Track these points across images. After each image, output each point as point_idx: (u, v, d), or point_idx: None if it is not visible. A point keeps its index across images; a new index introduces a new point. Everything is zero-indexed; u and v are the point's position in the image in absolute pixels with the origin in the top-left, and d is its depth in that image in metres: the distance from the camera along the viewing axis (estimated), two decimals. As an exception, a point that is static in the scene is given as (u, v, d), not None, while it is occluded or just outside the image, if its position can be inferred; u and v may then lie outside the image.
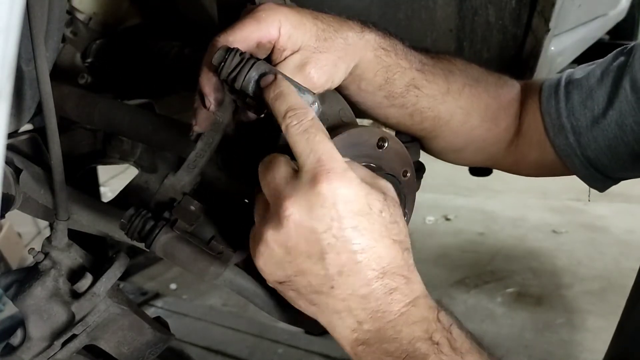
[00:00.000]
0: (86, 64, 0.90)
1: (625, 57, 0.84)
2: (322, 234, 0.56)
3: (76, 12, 0.87)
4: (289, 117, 0.57)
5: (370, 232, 0.57)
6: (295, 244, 0.56)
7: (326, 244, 0.56)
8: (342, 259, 0.56)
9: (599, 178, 0.89)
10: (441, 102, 0.81)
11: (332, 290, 0.57)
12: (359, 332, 0.59)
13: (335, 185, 0.55)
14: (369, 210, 0.57)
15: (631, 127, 0.81)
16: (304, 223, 0.56)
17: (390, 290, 0.58)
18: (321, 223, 0.55)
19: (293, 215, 0.56)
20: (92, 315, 0.70)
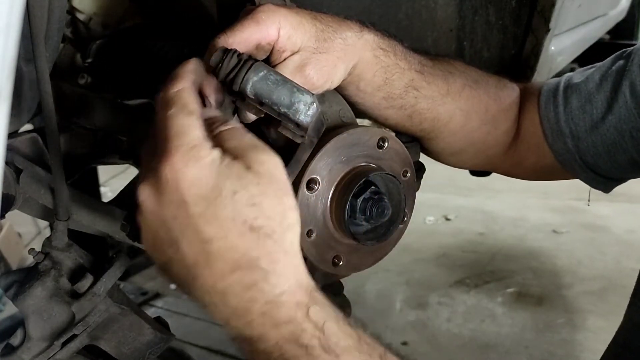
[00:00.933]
0: (86, 64, 0.90)
1: (624, 61, 0.84)
2: (171, 221, 0.51)
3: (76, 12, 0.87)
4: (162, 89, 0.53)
5: (219, 219, 0.50)
6: (155, 231, 0.52)
7: (178, 233, 0.51)
8: (194, 249, 0.51)
9: (600, 180, 0.88)
10: (440, 104, 0.81)
11: (195, 281, 0.52)
12: (227, 327, 0.53)
13: (175, 167, 0.49)
14: (218, 193, 0.50)
15: (630, 132, 0.81)
16: (154, 211, 0.51)
17: (248, 286, 0.51)
18: (168, 210, 0.50)
19: (145, 202, 0.52)
20: (93, 316, 0.70)
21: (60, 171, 0.68)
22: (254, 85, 0.59)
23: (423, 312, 2.36)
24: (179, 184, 0.50)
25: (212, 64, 0.61)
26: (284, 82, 0.60)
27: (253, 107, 0.62)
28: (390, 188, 0.73)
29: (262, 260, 0.51)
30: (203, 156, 0.50)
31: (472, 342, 2.18)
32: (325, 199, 0.70)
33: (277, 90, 0.59)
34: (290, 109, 0.59)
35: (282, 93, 0.59)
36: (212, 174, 0.50)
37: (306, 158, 0.66)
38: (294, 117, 0.59)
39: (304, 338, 0.52)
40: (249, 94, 0.60)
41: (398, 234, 0.79)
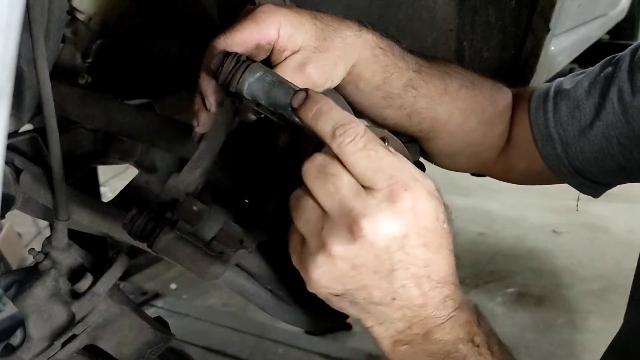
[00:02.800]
0: (86, 64, 0.90)
1: (612, 67, 0.84)
2: (396, 252, 0.55)
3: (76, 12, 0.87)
4: (339, 135, 0.54)
5: (436, 246, 0.57)
6: (364, 261, 0.55)
7: (397, 261, 0.55)
8: (409, 273, 0.56)
9: (590, 185, 0.89)
10: (439, 103, 0.81)
11: (393, 301, 0.57)
12: (405, 334, 0.59)
13: (412, 203, 0.54)
14: (437, 225, 0.56)
15: (617, 139, 0.81)
16: (380, 242, 0.54)
17: (445, 298, 0.59)
18: (396, 242, 0.55)
19: (369, 235, 0.54)
20: (93, 315, 0.70)
21: (60, 171, 0.68)
22: (250, 86, 0.60)
23: (423, 312, 2.36)
24: (413, 219, 0.55)
25: (213, 67, 0.61)
26: (280, 83, 0.60)
27: (252, 108, 0.62)
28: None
29: (455, 277, 0.60)
30: (426, 191, 0.56)
31: (472, 342, 2.18)
32: None
33: (273, 91, 0.59)
34: (286, 109, 0.59)
35: (278, 94, 0.59)
36: (433, 208, 0.56)
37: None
38: (291, 118, 0.60)
39: (477, 339, 0.59)
40: (245, 95, 0.60)
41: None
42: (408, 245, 0.55)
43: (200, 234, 0.66)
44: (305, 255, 0.57)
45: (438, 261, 0.57)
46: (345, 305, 0.59)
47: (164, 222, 0.65)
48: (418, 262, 0.56)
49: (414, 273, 0.56)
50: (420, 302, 0.58)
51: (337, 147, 0.54)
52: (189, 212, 0.65)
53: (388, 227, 0.54)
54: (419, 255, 0.56)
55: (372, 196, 0.54)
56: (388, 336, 0.59)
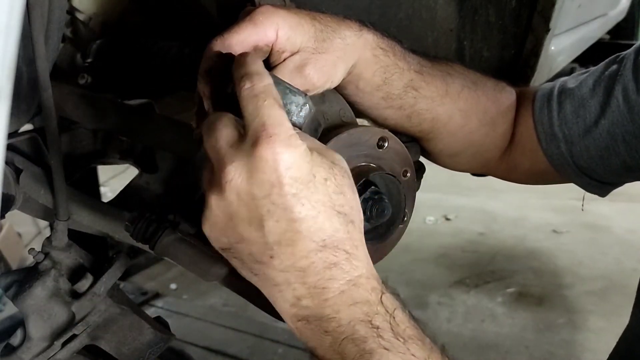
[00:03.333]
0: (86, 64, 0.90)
1: (617, 65, 0.84)
2: (262, 199, 0.53)
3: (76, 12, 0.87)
4: (242, 80, 0.56)
5: (311, 201, 0.54)
6: (236, 210, 0.54)
7: (265, 211, 0.53)
8: (281, 227, 0.54)
9: (595, 184, 0.89)
10: (439, 104, 0.81)
11: (272, 260, 0.55)
12: (298, 307, 0.56)
13: (276, 150, 0.53)
14: (312, 178, 0.54)
15: (623, 137, 0.81)
16: (244, 188, 0.53)
17: (330, 265, 0.55)
18: (261, 189, 0.53)
19: (234, 181, 0.54)
20: (93, 315, 0.70)
21: (60, 171, 0.68)
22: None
23: (423, 312, 2.36)
24: (278, 166, 0.53)
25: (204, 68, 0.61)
26: (277, 84, 0.60)
27: None
28: (390, 188, 0.73)
29: (347, 243, 0.56)
30: (299, 145, 0.54)
31: (472, 342, 2.18)
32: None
33: None
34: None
35: None
36: (307, 161, 0.54)
37: None
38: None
39: (377, 320, 0.55)
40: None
41: (398, 234, 0.79)
42: (275, 193, 0.53)
43: (202, 234, 0.66)
44: (202, 213, 0.58)
45: (316, 219, 0.54)
46: (237, 264, 0.58)
47: (165, 224, 0.65)
48: (289, 214, 0.53)
49: (286, 227, 0.54)
50: (301, 266, 0.55)
51: (238, 91, 0.56)
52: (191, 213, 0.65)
53: (250, 172, 0.53)
54: (289, 207, 0.53)
55: (242, 143, 0.54)
56: (285, 310, 0.57)
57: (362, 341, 0.54)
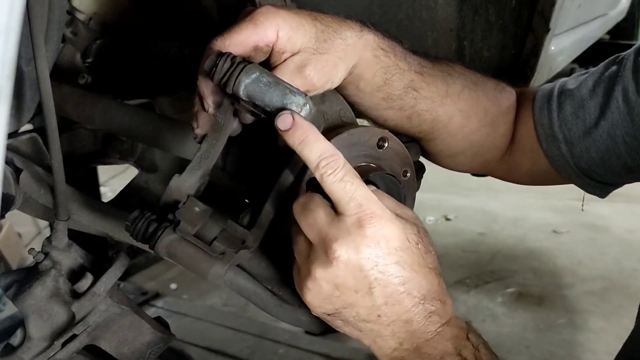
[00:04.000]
0: (86, 64, 0.90)
1: (616, 66, 0.84)
2: (369, 270, 0.61)
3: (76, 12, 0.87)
4: (322, 167, 0.61)
5: (410, 265, 0.63)
6: (343, 281, 0.62)
7: (373, 279, 0.62)
8: (387, 291, 0.62)
9: (596, 185, 0.89)
10: (439, 105, 0.81)
11: (379, 318, 0.63)
12: (399, 350, 0.65)
13: (378, 227, 0.61)
14: (408, 245, 0.63)
15: (623, 138, 0.81)
16: (352, 262, 0.61)
17: (430, 314, 0.64)
18: (368, 261, 0.61)
19: (342, 256, 0.61)
20: (93, 315, 0.70)
21: (60, 171, 0.68)
22: (246, 87, 0.60)
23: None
24: (381, 240, 0.61)
25: (206, 68, 0.62)
26: (277, 84, 0.60)
27: (248, 109, 0.62)
28: (390, 188, 0.73)
29: (440, 294, 0.65)
30: (392, 218, 0.62)
31: (473, 342, 2.17)
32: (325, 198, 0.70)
33: (269, 92, 0.60)
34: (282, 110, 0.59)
35: (274, 95, 0.59)
36: (401, 230, 0.63)
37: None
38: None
39: (464, 352, 0.64)
40: (242, 96, 0.60)
41: (398, 234, 0.78)
42: (381, 264, 0.61)
43: (202, 235, 0.66)
44: (299, 281, 0.66)
45: (415, 279, 0.63)
46: (340, 324, 0.66)
47: (165, 224, 0.65)
48: (394, 279, 0.62)
49: (392, 290, 0.62)
50: (405, 318, 0.63)
51: (319, 177, 0.62)
52: (191, 214, 0.65)
53: (358, 248, 0.61)
54: (394, 273, 0.62)
55: (343, 222, 0.61)
56: (385, 354, 0.66)
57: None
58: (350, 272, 0.61)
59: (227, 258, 0.66)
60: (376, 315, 0.63)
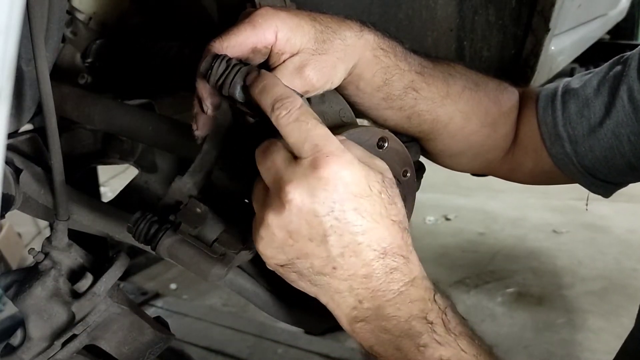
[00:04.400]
0: (86, 64, 0.90)
1: (621, 66, 0.84)
2: (324, 217, 0.57)
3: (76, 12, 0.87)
4: (277, 108, 0.58)
5: (370, 214, 0.58)
6: (297, 227, 0.57)
7: (328, 227, 0.57)
8: (344, 240, 0.58)
9: (600, 185, 0.89)
10: (440, 105, 0.81)
11: (334, 271, 0.59)
12: (358, 310, 0.60)
13: (335, 169, 0.56)
14: (370, 192, 0.58)
15: (627, 137, 0.81)
16: (306, 207, 0.56)
17: (391, 270, 0.59)
18: (323, 206, 0.56)
19: (295, 200, 0.56)
20: (93, 315, 0.70)
21: (60, 171, 0.68)
22: (242, 89, 0.60)
23: (423, 312, 2.36)
24: (338, 184, 0.56)
25: (202, 70, 0.62)
26: None
27: (246, 111, 0.62)
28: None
29: (404, 249, 0.60)
30: (353, 161, 0.58)
31: (472, 342, 2.18)
32: None
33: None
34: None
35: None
36: (363, 176, 0.58)
37: None
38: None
39: (431, 316, 0.59)
40: (238, 99, 0.60)
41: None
42: (337, 209, 0.57)
43: (203, 236, 0.67)
44: (254, 230, 0.61)
45: (376, 230, 0.58)
46: (294, 277, 0.61)
47: (166, 225, 0.66)
48: (351, 228, 0.57)
49: (349, 240, 0.58)
50: (364, 273, 0.59)
51: (274, 119, 0.58)
52: (192, 215, 0.65)
53: (313, 191, 0.56)
54: (351, 221, 0.57)
55: (299, 165, 0.57)
56: (344, 314, 0.61)
57: (417, 336, 0.59)
58: (304, 218, 0.57)
59: (227, 259, 0.67)
60: (331, 268, 0.59)
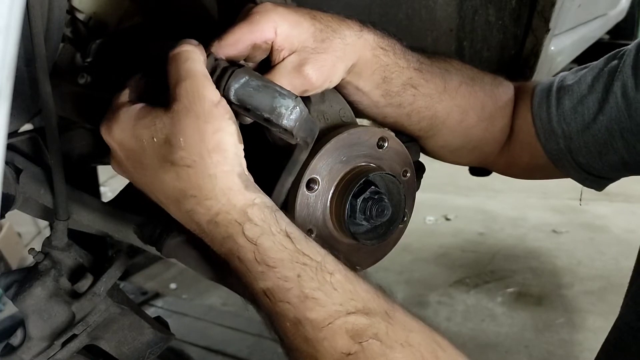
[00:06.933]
0: (86, 63, 0.90)
1: (617, 61, 0.84)
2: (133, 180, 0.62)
3: (76, 12, 0.87)
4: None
5: (147, 166, 0.59)
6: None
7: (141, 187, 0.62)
8: (150, 193, 0.61)
9: (592, 179, 0.89)
10: (438, 101, 0.81)
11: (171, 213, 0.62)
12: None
13: (113, 133, 0.60)
14: (141, 144, 0.58)
15: (621, 133, 0.81)
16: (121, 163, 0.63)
17: (190, 213, 0.59)
18: (120, 167, 0.63)
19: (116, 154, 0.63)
20: (93, 315, 0.70)
21: (60, 171, 0.68)
22: (236, 92, 0.60)
23: (423, 311, 2.36)
24: (115, 147, 0.61)
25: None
26: (266, 87, 0.60)
27: (241, 113, 0.63)
28: (390, 188, 0.73)
29: (190, 189, 0.57)
30: (121, 116, 0.60)
31: (472, 341, 2.18)
32: (325, 198, 0.70)
33: (258, 96, 0.60)
34: (272, 113, 0.59)
35: (263, 98, 0.60)
36: (131, 129, 0.59)
37: (304, 158, 0.66)
38: (277, 121, 0.60)
39: (241, 252, 0.57)
40: (232, 101, 0.60)
41: (398, 234, 0.79)
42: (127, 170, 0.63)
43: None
44: None
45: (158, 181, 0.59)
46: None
47: (171, 227, 0.66)
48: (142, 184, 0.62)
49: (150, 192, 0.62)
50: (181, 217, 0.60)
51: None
52: None
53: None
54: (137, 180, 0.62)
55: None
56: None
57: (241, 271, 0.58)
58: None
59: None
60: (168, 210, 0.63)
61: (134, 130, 0.58)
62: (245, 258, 0.57)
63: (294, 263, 0.57)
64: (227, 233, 0.57)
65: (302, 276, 0.56)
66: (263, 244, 0.57)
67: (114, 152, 0.62)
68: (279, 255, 0.57)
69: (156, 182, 0.59)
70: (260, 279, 0.57)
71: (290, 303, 0.56)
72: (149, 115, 0.58)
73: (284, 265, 0.56)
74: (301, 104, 0.61)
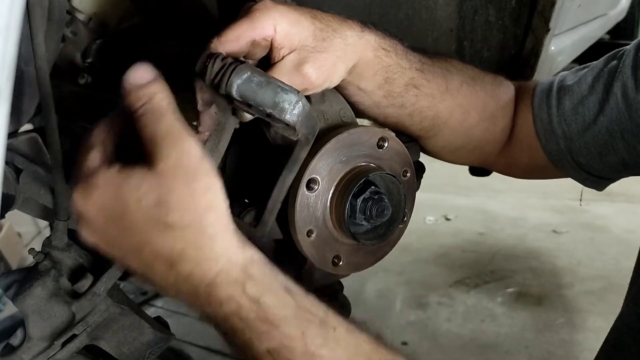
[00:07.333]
0: (86, 64, 0.90)
1: (617, 61, 0.84)
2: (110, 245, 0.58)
3: (76, 12, 0.87)
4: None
5: (136, 229, 0.55)
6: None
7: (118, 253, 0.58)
8: (135, 260, 0.57)
9: (593, 180, 0.89)
10: (440, 101, 0.81)
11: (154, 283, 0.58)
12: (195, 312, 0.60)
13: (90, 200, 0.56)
14: (126, 208, 0.54)
15: (621, 134, 0.81)
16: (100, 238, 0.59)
17: (187, 277, 0.56)
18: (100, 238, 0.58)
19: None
20: (93, 315, 0.70)
21: (60, 171, 0.68)
22: (238, 88, 0.60)
23: (423, 312, 2.36)
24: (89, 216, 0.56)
25: (197, 69, 0.62)
26: (268, 83, 0.60)
27: (242, 109, 0.63)
28: (390, 188, 0.73)
29: (188, 251, 0.55)
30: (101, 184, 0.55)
31: (472, 342, 2.18)
32: (325, 198, 0.70)
33: (261, 92, 0.59)
34: (275, 109, 0.59)
35: (266, 94, 0.59)
36: (112, 194, 0.55)
37: (304, 156, 0.66)
38: (280, 116, 0.59)
39: (243, 313, 0.55)
40: (235, 97, 0.60)
41: (398, 234, 0.79)
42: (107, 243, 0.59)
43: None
44: None
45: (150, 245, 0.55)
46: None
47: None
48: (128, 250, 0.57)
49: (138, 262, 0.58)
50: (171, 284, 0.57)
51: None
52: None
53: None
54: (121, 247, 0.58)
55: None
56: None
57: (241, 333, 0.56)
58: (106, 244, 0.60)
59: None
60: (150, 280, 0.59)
61: (116, 194, 0.54)
62: (247, 318, 0.55)
63: (297, 320, 0.56)
64: (227, 294, 0.55)
65: (306, 333, 0.55)
66: (266, 302, 0.56)
67: (91, 220, 0.57)
68: (283, 313, 0.56)
69: (146, 246, 0.55)
70: (264, 339, 0.55)
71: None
72: (132, 177, 0.55)
73: (288, 323, 0.55)
74: (303, 99, 0.61)
